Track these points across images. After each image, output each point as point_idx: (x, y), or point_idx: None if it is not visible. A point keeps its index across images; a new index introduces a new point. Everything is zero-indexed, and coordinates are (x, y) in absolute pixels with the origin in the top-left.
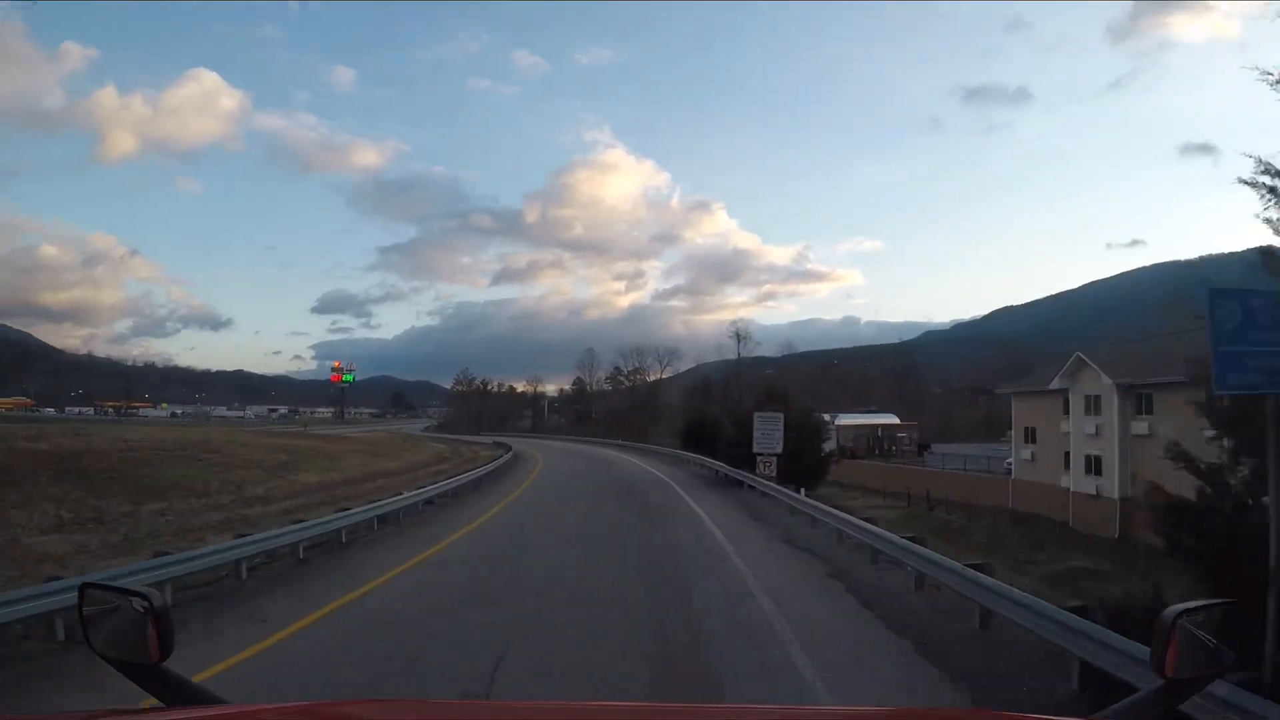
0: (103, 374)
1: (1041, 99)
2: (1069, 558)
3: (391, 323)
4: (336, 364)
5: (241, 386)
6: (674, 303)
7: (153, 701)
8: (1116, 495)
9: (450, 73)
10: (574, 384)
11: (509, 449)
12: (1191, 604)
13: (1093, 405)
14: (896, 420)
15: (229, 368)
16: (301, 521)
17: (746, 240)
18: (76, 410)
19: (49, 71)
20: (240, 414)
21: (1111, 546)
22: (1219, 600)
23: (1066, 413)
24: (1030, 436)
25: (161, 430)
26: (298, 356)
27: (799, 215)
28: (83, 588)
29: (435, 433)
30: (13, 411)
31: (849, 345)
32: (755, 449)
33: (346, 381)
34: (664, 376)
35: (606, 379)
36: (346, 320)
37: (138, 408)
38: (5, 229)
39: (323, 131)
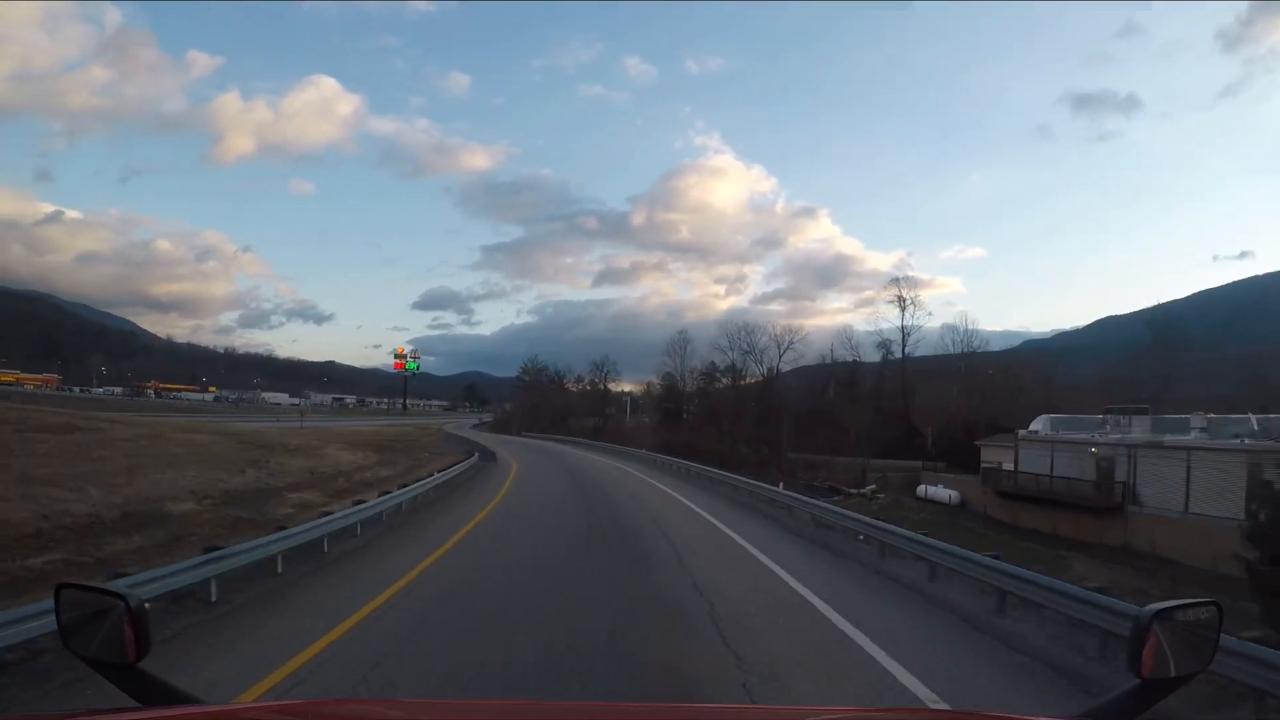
0: (194, 360)
1: (1151, 106)
2: None
3: (491, 320)
4: (400, 350)
5: (326, 377)
6: (773, 307)
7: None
8: None
9: (563, 79)
10: (663, 378)
11: (480, 457)
12: (1170, 603)
13: None
14: None
15: (320, 359)
16: None
17: (849, 246)
18: (109, 390)
19: (175, 78)
20: (296, 401)
21: None
22: (1198, 600)
23: None
24: None
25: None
26: (416, 358)
27: (902, 222)
28: (59, 588)
29: (474, 430)
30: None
31: (950, 353)
32: None
33: (410, 370)
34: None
35: (700, 375)
36: (447, 317)
37: (178, 390)
38: (123, 224)
39: (435, 135)
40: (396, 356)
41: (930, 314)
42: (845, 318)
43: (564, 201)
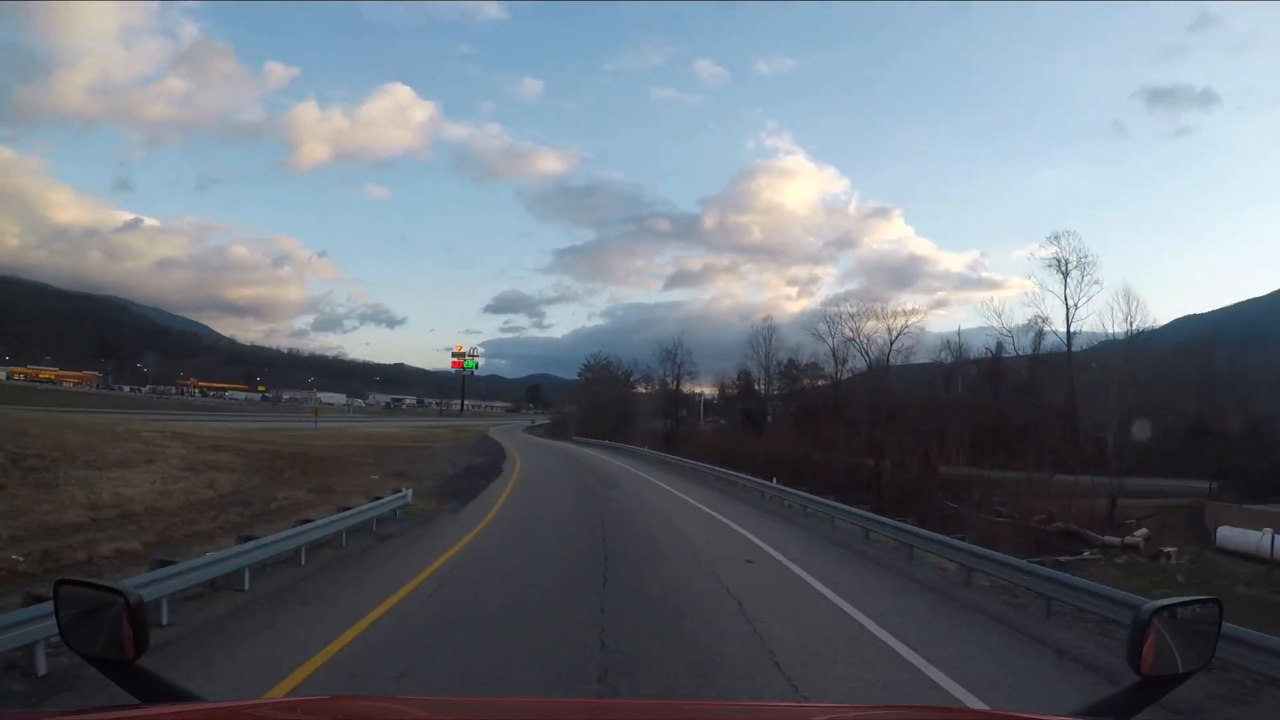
0: (255, 361)
1: (1228, 101)
2: None
3: (562, 323)
4: (458, 348)
5: (379, 378)
6: (845, 308)
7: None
8: None
9: (634, 83)
10: (739, 377)
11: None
12: (1170, 600)
13: None
14: None
15: (390, 361)
16: None
17: (922, 246)
18: (135, 388)
19: (252, 89)
20: (351, 401)
21: None
22: (1199, 598)
23: None
24: None
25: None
26: (475, 357)
27: (974, 222)
28: (58, 585)
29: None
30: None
31: (1023, 354)
32: None
33: (469, 369)
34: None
35: (781, 373)
36: (519, 320)
37: (223, 389)
38: (200, 231)
39: (507, 140)
40: (454, 355)
41: (1098, 282)
42: (915, 318)
43: (636, 204)
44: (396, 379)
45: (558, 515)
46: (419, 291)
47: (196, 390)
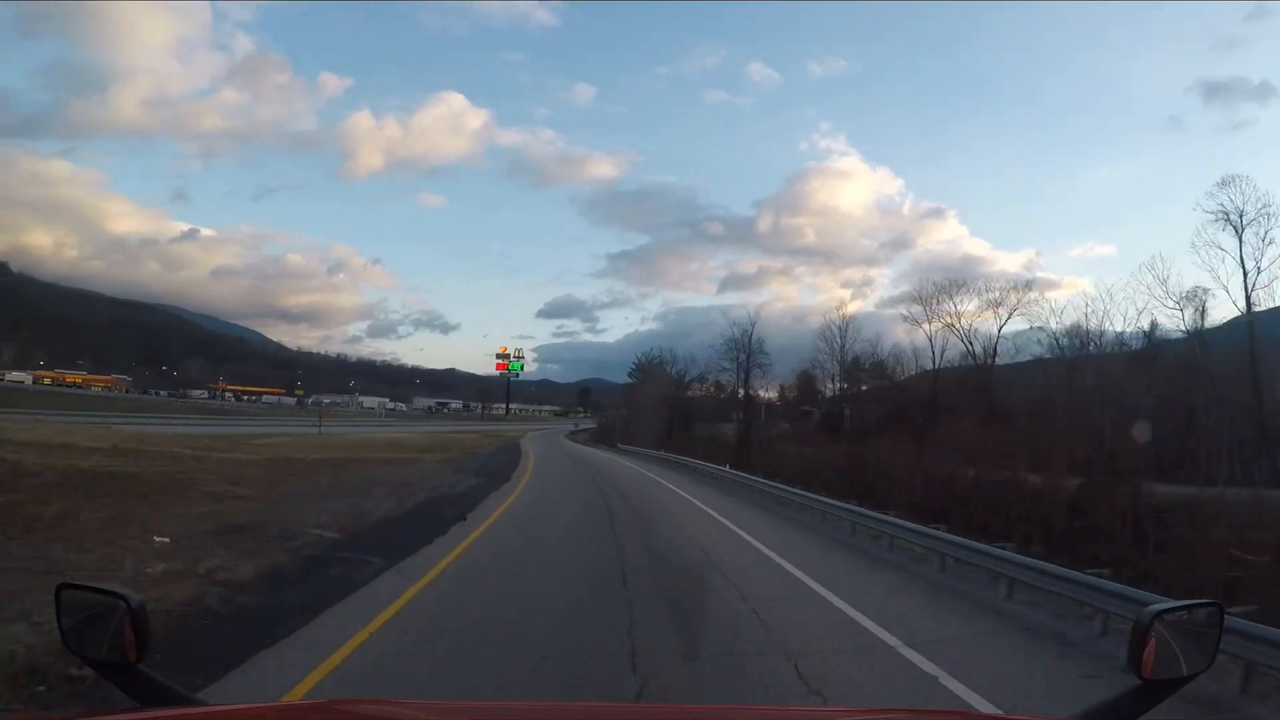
0: (303, 366)
1: None
2: None
3: (615, 327)
4: (503, 349)
5: (444, 384)
6: (899, 310)
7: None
8: None
9: (687, 86)
10: (799, 378)
11: None
12: (1171, 604)
13: None
14: None
15: (441, 367)
16: None
17: (977, 247)
18: (157, 392)
19: (307, 99)
20: (392, 405)
21: None
22: (1199, 601)
23: None
24: None
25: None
26: (520, 358)
27: (1030, 220)
28: (60, 588)
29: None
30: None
31: (1078, 354)
32: None
33: (514, 370)
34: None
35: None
36: (572, 325)
37: (257, 393)
38: (256, 239)
39: (560, 145)
40: (499, 357)
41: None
42: (968, 319)
43: (689, 208)
44: (447, 384)
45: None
46: (472, 297)
47: (229, 394)
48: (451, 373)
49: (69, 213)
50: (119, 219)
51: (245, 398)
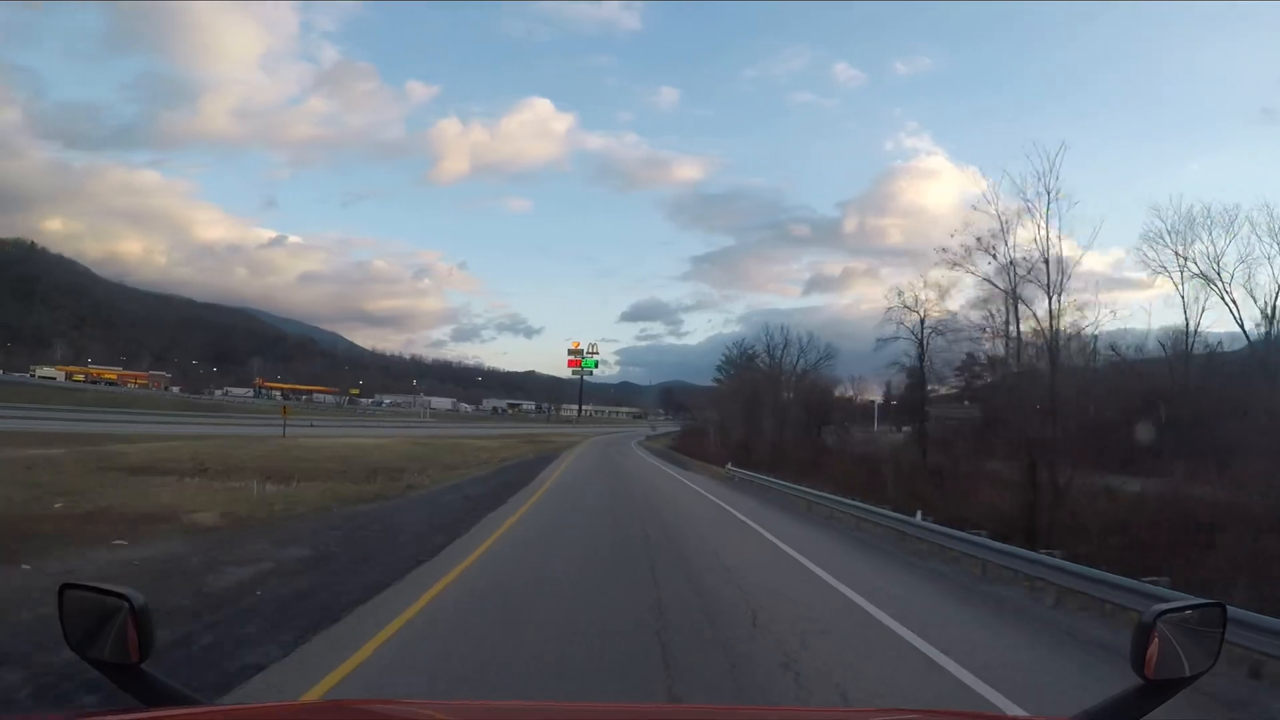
0: (372, 366)
1: None
2: None
3: (698, 330)
4: (574, 344)
5: (521, 386)
6: (985, 311)
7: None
8: None
9: (773, 88)
10: (909, 374)
11: None
12: (1175, 604)
13: None
14: None
15: (521, 369)
16: None
17: (1065, 246)
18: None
19: (395, 108)
20: (454, 407)
21: None
22: (1203, 601)
23: None
24: None
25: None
26: (604, 362)
27: (1117, 217)
28: (62, 588)
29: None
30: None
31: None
32: None
33: (587, 368)
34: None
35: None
36: (655, 328)
37: (306, 391)
38: (343, 245)
39: (645, 149)
40: (570, 353)
41: None
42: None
43: (774, 209)
44: (524, 386)
45: None
46: (556, 301)
47: (276, 393)
48: (531, 375)
49: (160, 221)
50: (208, 226)
51: (291, 396)
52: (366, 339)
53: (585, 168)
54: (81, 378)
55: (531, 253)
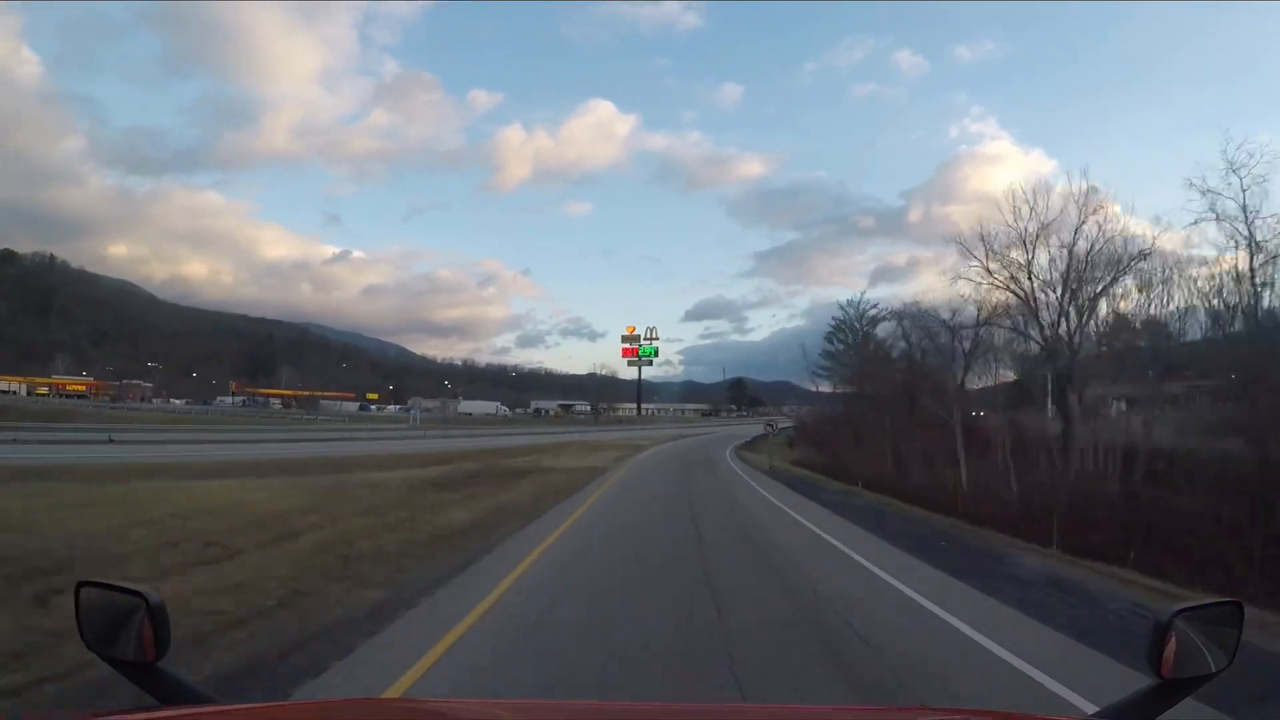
0: (423, 373)
1: None
2: None
3: (762, 326)
4: (629, 329)
5: (580, 388)
6: (1051, 295)
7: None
8: None
9: (835, 80)
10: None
11: None
12: (1190, 603)
13: None
14: None
15: (583, 371)
16: None
17: (1134, 227)
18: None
19: (457, 117)
20: (493, 410)
21: None
22: (1219, 600)
23: None
24: None
25: None
26: (667, 362)
27: (1188, 198)
28: (79, 586)
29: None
30: None
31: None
32: None
33: (645, 355)
34: None
35: None
36: (719, 325)
37: (333, 397)
38: (406, 257)
39: (708, 147)
40: (625, 340)
41: None
42: (1124, 304)
43: (839, 202)
44: (585, 387)
45: None
46: (619, 303)
47: (277, 401)
48: (592, 376)
49: (223, 241)
50: (271, 245)
51: (294, 403)
52: (433, 349)
53: (647, 168)
54: (45, 390)
55: (594, 255)
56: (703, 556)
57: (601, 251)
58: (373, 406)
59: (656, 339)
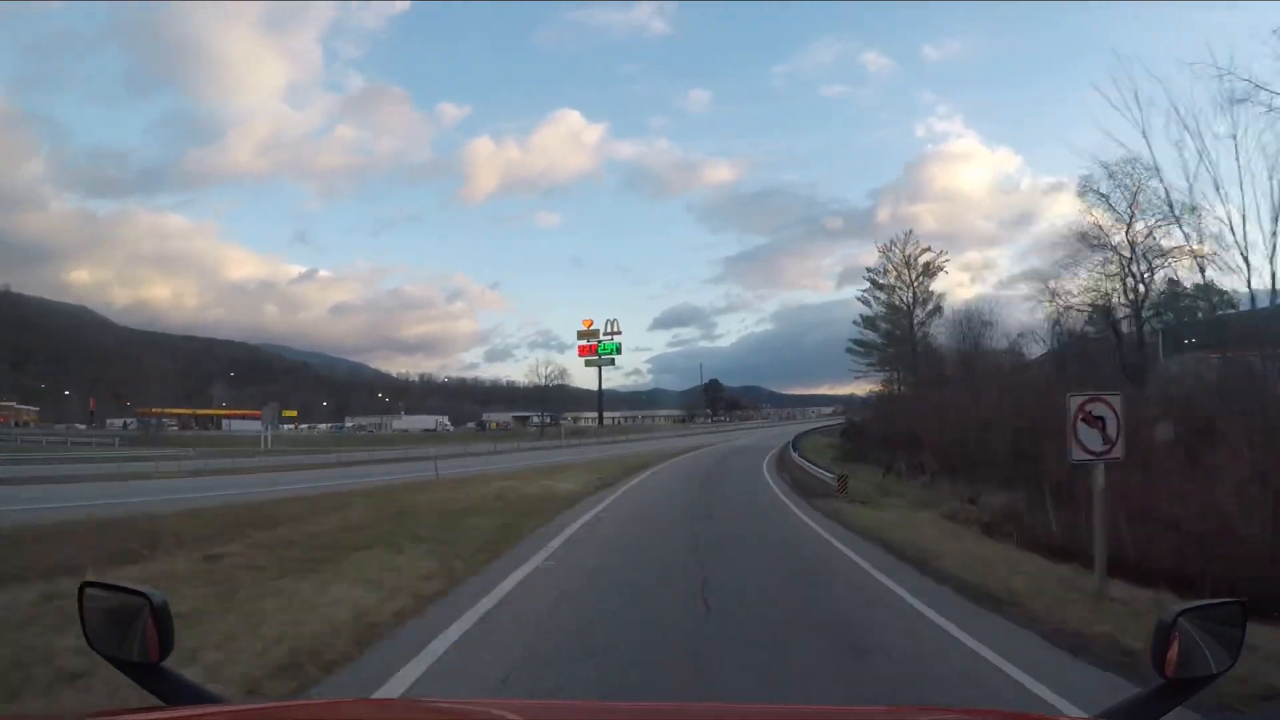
0: (401, 393)
1: None
2: None
3: (731, 332)
4: (586, 323)
5: (548, 400)
6: (1018, 290)
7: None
8: None
9: (803, 83)
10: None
11: None
12: (1195, 603)
13: None
14: None
15: (552, 383)
16: None
17: (1099, 219)
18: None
19: (425, 129)
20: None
21: None
22: (1224, 600)
23: None
24: None
25: None
26: (635, 371)
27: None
28: (82, 586)
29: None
30: None
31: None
32: None
33: (606, 353)
34: None
35: None
36: (688, 333)
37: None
38: (374, 274)
39: (677, 153)
40: (581, 336)
41: None
42: (1092, 297)
43: (808, 205)
44: (546, 399)
45: None
46: (588, 314)
47: (174, 423)
48: (561, 389)
49: (187, 263)
50: (237, 266)
51: (197, 423)
52: (401, 366)
53: (617, 176)
54: None
55: (564, 266)
56: None
57: (571, 262)
58: (287, 426)
59: (618, 333)
